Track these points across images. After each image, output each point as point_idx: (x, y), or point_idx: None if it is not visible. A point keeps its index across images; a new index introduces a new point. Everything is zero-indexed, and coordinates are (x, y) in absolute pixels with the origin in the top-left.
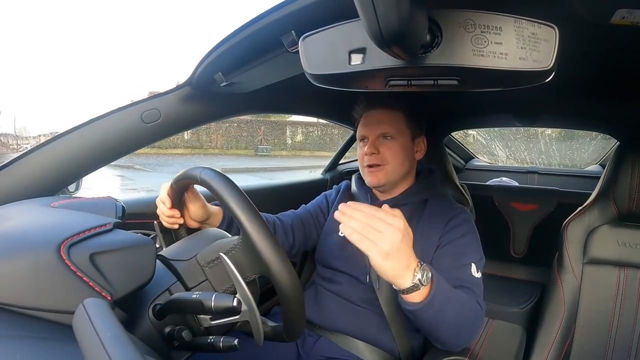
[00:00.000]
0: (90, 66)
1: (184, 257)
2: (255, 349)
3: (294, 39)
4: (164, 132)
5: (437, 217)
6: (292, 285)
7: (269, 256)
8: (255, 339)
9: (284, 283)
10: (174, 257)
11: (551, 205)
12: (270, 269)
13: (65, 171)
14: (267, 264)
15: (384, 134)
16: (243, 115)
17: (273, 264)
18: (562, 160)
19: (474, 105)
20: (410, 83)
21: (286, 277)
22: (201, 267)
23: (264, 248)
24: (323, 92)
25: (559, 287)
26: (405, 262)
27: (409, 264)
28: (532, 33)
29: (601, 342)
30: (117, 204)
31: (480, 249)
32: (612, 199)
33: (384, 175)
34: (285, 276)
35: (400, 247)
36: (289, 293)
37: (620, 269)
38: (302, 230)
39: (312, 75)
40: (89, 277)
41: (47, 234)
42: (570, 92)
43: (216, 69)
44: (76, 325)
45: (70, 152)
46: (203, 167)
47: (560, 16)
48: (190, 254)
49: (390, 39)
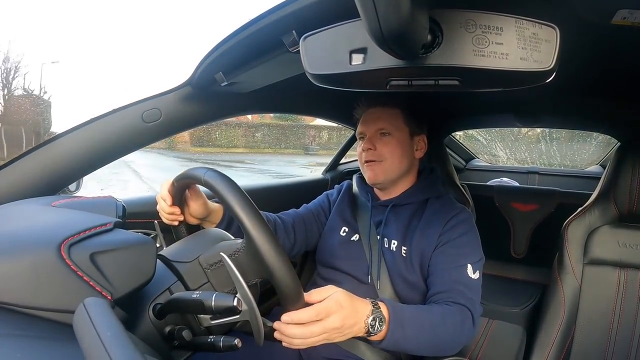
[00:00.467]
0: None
1: (186, 259)
2: (255, 349)
3: (294, 38)
4: (164, 131)
5: (437, 216)
6: (295, 293)
7: (273, 263)
8: (255, 339)
9: (287, 290)
10: (176, 258)
11: (552, 205)
12: (273, 275)
13: (66, 170)
14: (271, 270)
15: (381, 131)
16: (244, 115)
17: (277, 270)
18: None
19: (475, 106)
20: (411, 83)
21: (290, 285)
22: (203, 270)
23: (268, 254)
24: (324, 92)
25: (559, 287)
26: (353, 321)
27: (357, 321)
28: (533, 33)
29: (601, 343)
30: (117, 204)
31: (479, 249)
32: (613, 200)
33: (382, 172)
34: (289, 283)
35: (344, 321)
36: (292, 299)
37: (620, 270)
38: (304, 229)
39: (312, 75)
40: (89, 277)
41: (47, 233)
42: (571, 93)
43: (217, 68)
44: (76, 325)
45: (71, 152)
46: (207, 168)
47: (562, 16)
48: (193, 256)
49: (391, 39)
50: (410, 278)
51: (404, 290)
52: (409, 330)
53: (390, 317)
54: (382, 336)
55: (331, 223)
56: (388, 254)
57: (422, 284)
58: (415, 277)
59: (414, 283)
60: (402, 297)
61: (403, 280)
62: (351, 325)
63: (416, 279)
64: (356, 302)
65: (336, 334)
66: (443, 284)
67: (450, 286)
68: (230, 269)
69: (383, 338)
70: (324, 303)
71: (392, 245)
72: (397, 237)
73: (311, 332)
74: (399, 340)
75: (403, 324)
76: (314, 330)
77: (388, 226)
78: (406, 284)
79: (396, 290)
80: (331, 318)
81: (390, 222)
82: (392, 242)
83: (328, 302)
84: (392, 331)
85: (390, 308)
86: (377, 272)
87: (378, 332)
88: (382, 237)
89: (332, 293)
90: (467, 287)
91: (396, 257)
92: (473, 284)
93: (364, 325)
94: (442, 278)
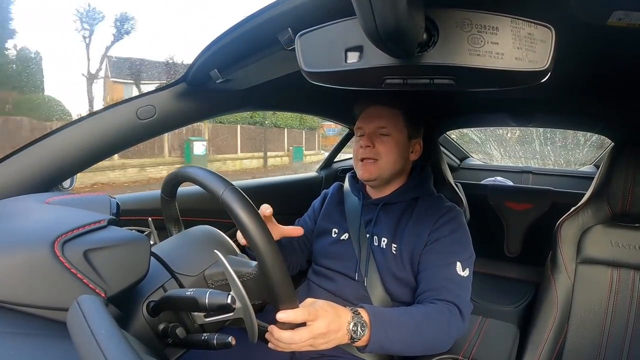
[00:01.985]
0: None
1: (191, 273)
2: (249, 346)
3: (290, 36)
4: (159, 128)
5: (427, 215)
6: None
7: (281, 293)
8: (249, 336)
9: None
10: (180, 270)
11: (545, 205)
12: (278, 302)
13: (60, 167)
14: (278, 301)
15: (380, 129)
16: (238, 112)
17: (282, 297)
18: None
19: (470, 105)
20: (406, 82)
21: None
22: (207, 284)
23: (278, 285)
24: (319, 89)
25: (552, 286)
26: (337, 326)
27: (340, 327)
28: (529, 33)
29: (594, 341)
30: (111, 201)
31: (469, 246)
32: (606, 200)
33: (376, 170)
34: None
35: (329, 326)
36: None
37: (613, 269)
38: (306, 244)
39: (308, 72)
40: (83, 274)
41: (41, 230)
42: (565, 93)
43: (212, 65)
44: (70, 322)
45: (65, 149)
46: (226, 186)
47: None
48: (197, 269)
49: (386, 37)
50: (400, 275)
51: (394, 287)
52: (392, 333)
53: (372, 321)
54: (365, 341)
55: (319, 229)
56: (378, 251)
57: (412, 280)
58: (405, 274)
59: (404, 280)
60: (393, 294)
61: (393, 277)
62: (335, 330)
63: (407, 275)
64: (337, 309)
65: (321, 340)
66: (432, 282)
67: (439, 284)
68: (225, 267)
69: (367, 343)
70: (311, 307)
71: (382, 242)
72: (387, 235)
73: (300, 336)
74: (384, 344)
75: (385, 327)
76: (302, 335)
77: (378, 224)
78: (397, 281)
79: (387, 287)
80: (318, 322)
81: (380, 220)
82: (382, 239)
83: (314, 307)
84: (374, 335)
85: (370, 313)
86: (366, 268)
87: (361, 336)
88: (371, 235)
89: (314, 302)
90: (455, 284)
91: (386, 254)
92: (462, 281)
93: (347, 331)
94: (431, 276)
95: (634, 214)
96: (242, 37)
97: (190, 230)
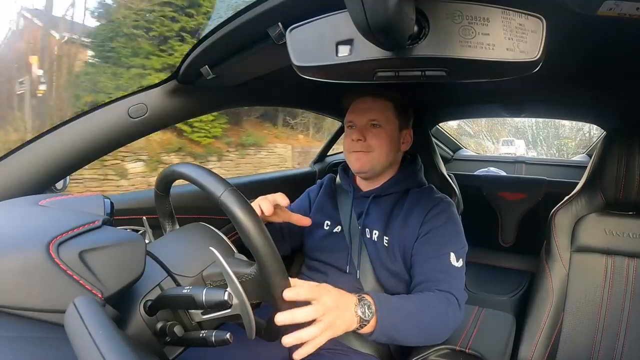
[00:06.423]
0: None
1: (189, 274)
2: (247, 343)
3: (280, 31)
4: (151, 126)
5: (418, 206)
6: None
7: (282, 297)
8: (247, 333)
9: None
10: (177, 271)
11: (539, 194)
12: (277, 307)
13: (53, 169)
14: (276, 303)
15: (372, 122)
16: (230, 108)
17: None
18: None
19: (462, 96)
20: (397, 74)
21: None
22: (205, 285)
23: (276, 285)
24: (311, 84)
25: (547, 275)
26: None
27: (347, 305)
28: (520, 24)
29: (589, 329)
30: (105, 201)
31: (461, 237)
32: (599, 188)
33: (369, 161)
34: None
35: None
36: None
37: (607, 257)
38: (292, 231)
39: (299, 67)
40: (79, 275)
41: (35, 232)
42: (557, 82)
43: (203, 62)
44: (68, 324)
45: (57, 150)
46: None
47: (548, 7)
48: (195, 270)
49: (377, 30)
50: (392, 268)
51: (387, 280)
52: (397, 318)
53: (377, 304)
54: (372, 326)
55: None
56: (370, 244)
57: (405, 273)
58: (397, 266)
59: (397, 273)
60: (385, 287)
61: (386, 270)
62: (343, 307)
63: (399, 268)
64: (340, 290)
65: (333, 315)
66: (426, 273)
67: (433, 275)
68: (221, 264)
69: (374, 329)
70: (315, 286)
71: (374, 235)
72: (378, 227)
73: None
74: (389, 330)
75: (390, 310)
76: (314, 312)
77: (369, 216)
78: (389, 274)
79: (379, 280)
80: (323, 298)
81: (371, 213)
82: (374, 232)
83: (317, 286)
84: (380, 319)
85: (375, 297)
86: (357, 261)
87: (370, 318)
88: (363, 227)
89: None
90: (450, 275)
91: (378, 247)
92: (456, 271)
93: (355, 314)
94: (425, 267)
95: (627, 202)
96: (232, 33)
97: (185, 228)
